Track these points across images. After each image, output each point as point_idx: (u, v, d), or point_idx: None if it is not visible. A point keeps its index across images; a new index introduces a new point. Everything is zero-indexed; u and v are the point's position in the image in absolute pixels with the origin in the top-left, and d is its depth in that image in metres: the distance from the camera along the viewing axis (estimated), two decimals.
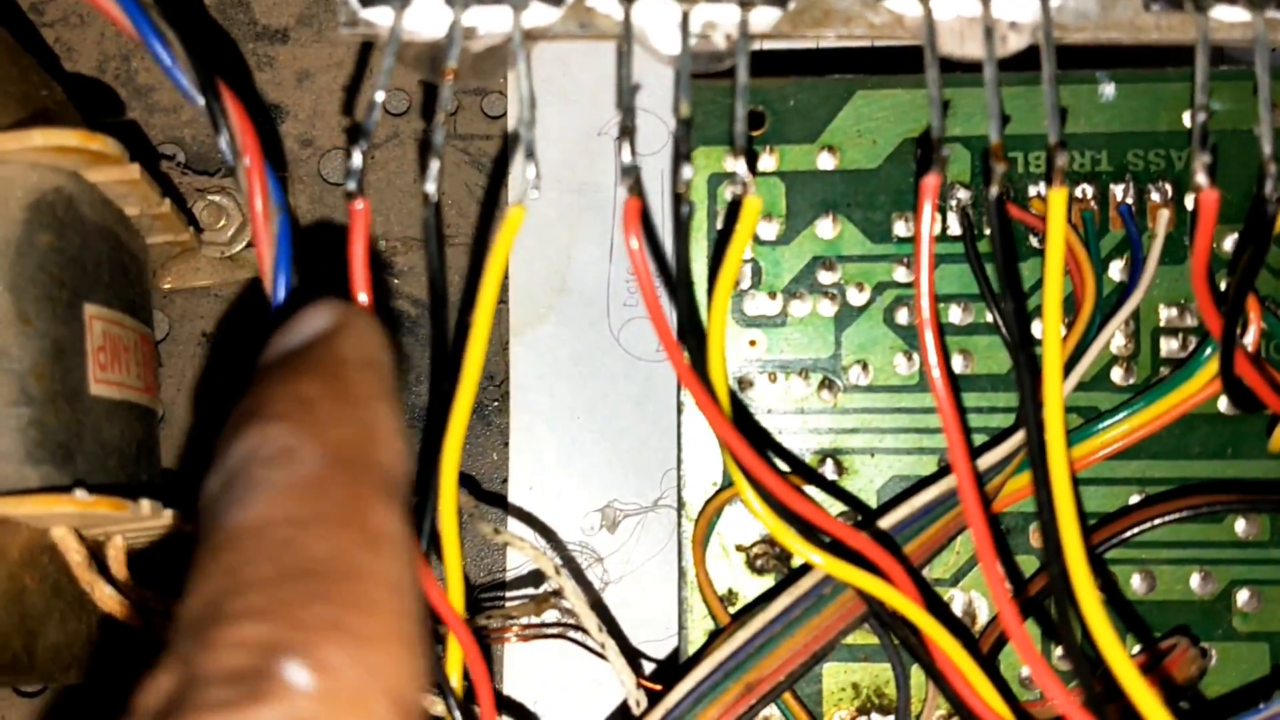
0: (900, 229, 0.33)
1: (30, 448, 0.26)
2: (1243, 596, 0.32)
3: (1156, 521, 0.31)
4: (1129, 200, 0.33)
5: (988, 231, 0.33)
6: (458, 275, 0.38)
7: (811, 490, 0.33)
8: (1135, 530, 0.31)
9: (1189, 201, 0.33)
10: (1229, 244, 0.33)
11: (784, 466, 0.33)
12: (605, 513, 0.38)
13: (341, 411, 0.21)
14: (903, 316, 0.33)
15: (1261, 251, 0.27)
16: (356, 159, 0.25)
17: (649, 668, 0.36)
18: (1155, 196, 0.33)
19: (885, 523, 0.30)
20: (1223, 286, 0.32)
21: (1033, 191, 0.33)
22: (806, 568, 0.30)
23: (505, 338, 0.38)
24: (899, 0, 0.27)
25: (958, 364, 0.33)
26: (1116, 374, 0.33)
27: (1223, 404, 0.32)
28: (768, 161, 0.34)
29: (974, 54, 0.27)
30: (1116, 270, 0.33)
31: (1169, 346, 0.33)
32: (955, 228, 0.33)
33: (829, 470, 0.33)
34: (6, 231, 0.27)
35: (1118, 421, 0.32)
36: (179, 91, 0.26)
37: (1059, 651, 0.32)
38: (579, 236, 0.39)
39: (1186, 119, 0.33)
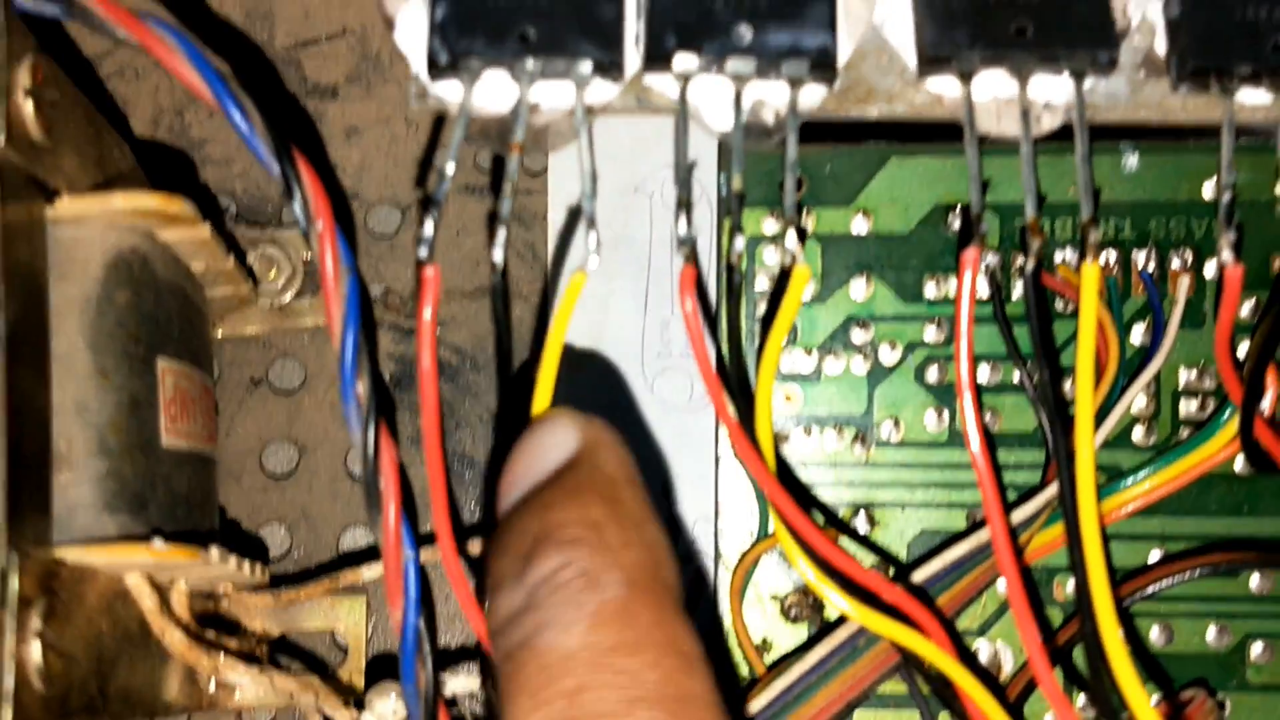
0: (930, 290, 0.35)
1: (108, 498, 0.27)
2: (1257, 649, 0.34)
3: (1178, 578, 0.33)
4: (1151, 267, 0.34)
5: (1015, 294, 0.34)
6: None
7: (844, 542, 0.34)
8: (1158, 586, 0.33)
9: (1208, 269, 0.34)
10: (1247, 309, 0.34)
11: (818, 518, 0.34)
12: None
13: (627, 534, 0.22)
14: (933, 374, 0.35)
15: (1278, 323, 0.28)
16: (428, 228, 0.26)
17: None
18: (1176, 264, 0.34)
19: (919, 576, 0.31)
20: (1242, 349, 0.34)
21: (1059, 257, 0.35)
22: (841, 619, 0.31)
23: None
24: (939, 81, 0.28)
25: (987, 423, 0.34)
26: (1138, 433, 0.34)
27: (1239, 464, 0.34)
28: (805, 224, 0.35)
29: (1010, 132, 0.29)
30: (1139, 334, 0.34)
31: (1188, 408, 0.34)
32: (984, 290, 0.35)
33: (861, 522, 0.34)
34: (87, 289, 0.28)
35: (1140, 480, 0.33)
36: (256, 159, 0.28)
37: (1080, 700, 0.33)
38: (615, 288, 0.40)
39: (1206, 189, 0.35)
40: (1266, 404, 0.32)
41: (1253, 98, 0.29)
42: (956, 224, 0.35)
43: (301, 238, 0.37)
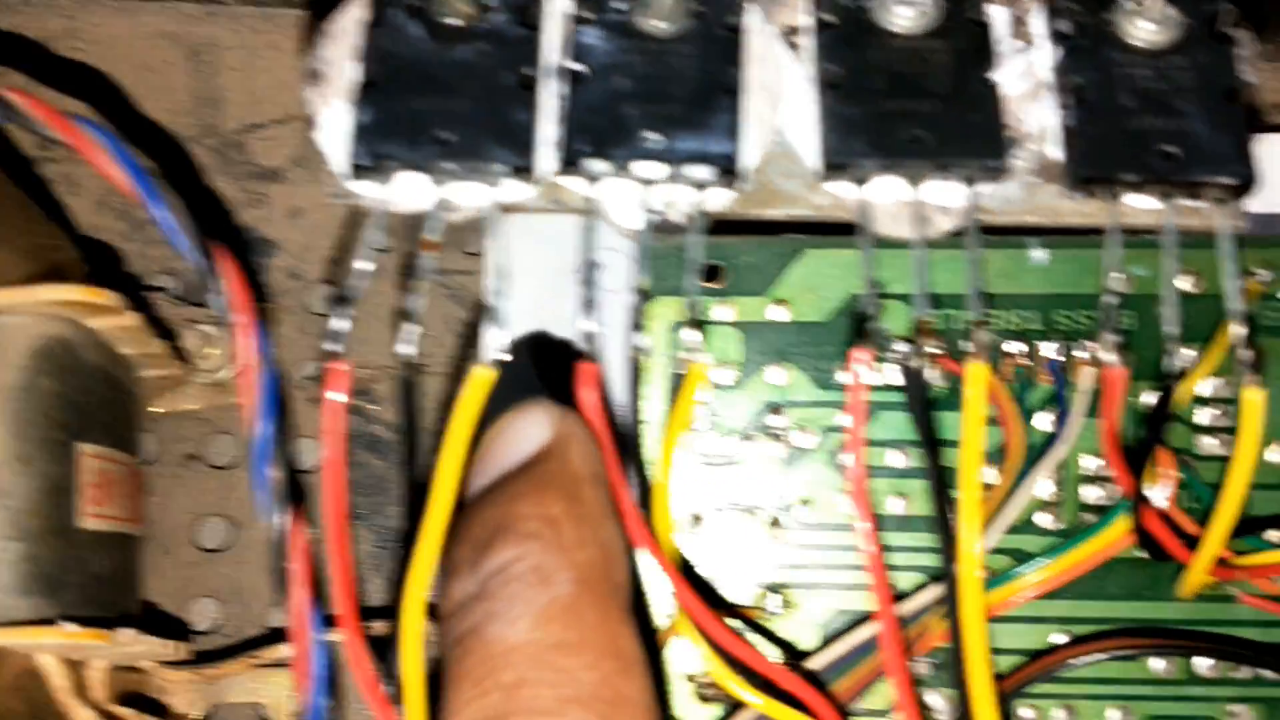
0: (846, 377, 0.36)
1: (22, 580, 0.28)
2: None
3: (1080, 661, 0.34)
4: (1057, 356, 0.36)
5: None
6: (434, 403, 0.40)
7: (759, 621, 0.35)
8: (1060, 669, 0.34)
9: None
10: (1155, 398, 0.35)
11: (733, 597, 0.35)
12: None
13: (583, 532, 0.23)
14: (847, 459, 0.36)
15: (1161, 419, 0.29)
16: (339, 323, 0.27)
17: None
18: (1081, 354, 0.36)
19: (816, 663, 0.32)
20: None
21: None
22: None
23: None
24: (838, 185, 0.30)
25: (897, 506, 0.35)
26: (1044, 519, 0.35)
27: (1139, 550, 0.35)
28: (725, 312, 0.36)
29: (907, 234, 0.30)
30: (1046, 421, 0.35)
31: (1093, 494, 0.35)
32: (897, 378, 0.36)
33: (775, 603, 0.35)
34: (11, 378, 0.29)
35: (1041, 565, 0.34)
36: (179, 253, 0.29)
37: None
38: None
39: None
40: (1165, 494, 0.34)
41: (1140, 202, 0.30)
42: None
43: None
